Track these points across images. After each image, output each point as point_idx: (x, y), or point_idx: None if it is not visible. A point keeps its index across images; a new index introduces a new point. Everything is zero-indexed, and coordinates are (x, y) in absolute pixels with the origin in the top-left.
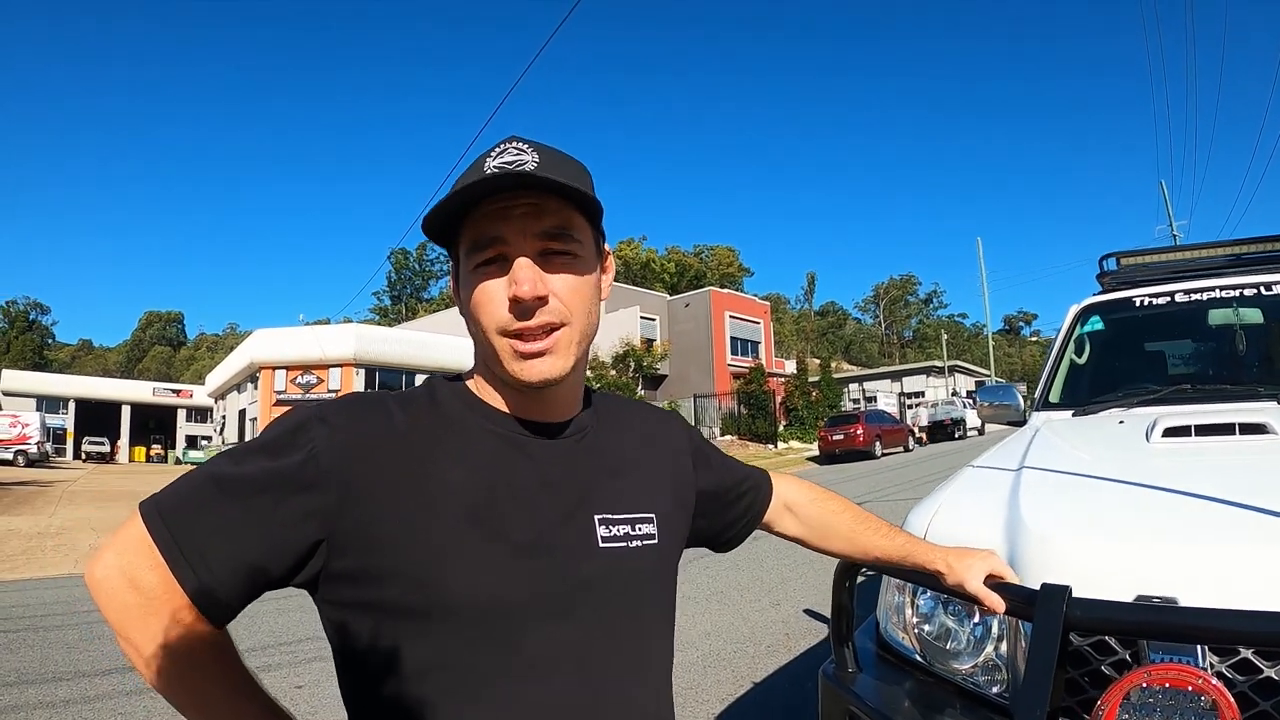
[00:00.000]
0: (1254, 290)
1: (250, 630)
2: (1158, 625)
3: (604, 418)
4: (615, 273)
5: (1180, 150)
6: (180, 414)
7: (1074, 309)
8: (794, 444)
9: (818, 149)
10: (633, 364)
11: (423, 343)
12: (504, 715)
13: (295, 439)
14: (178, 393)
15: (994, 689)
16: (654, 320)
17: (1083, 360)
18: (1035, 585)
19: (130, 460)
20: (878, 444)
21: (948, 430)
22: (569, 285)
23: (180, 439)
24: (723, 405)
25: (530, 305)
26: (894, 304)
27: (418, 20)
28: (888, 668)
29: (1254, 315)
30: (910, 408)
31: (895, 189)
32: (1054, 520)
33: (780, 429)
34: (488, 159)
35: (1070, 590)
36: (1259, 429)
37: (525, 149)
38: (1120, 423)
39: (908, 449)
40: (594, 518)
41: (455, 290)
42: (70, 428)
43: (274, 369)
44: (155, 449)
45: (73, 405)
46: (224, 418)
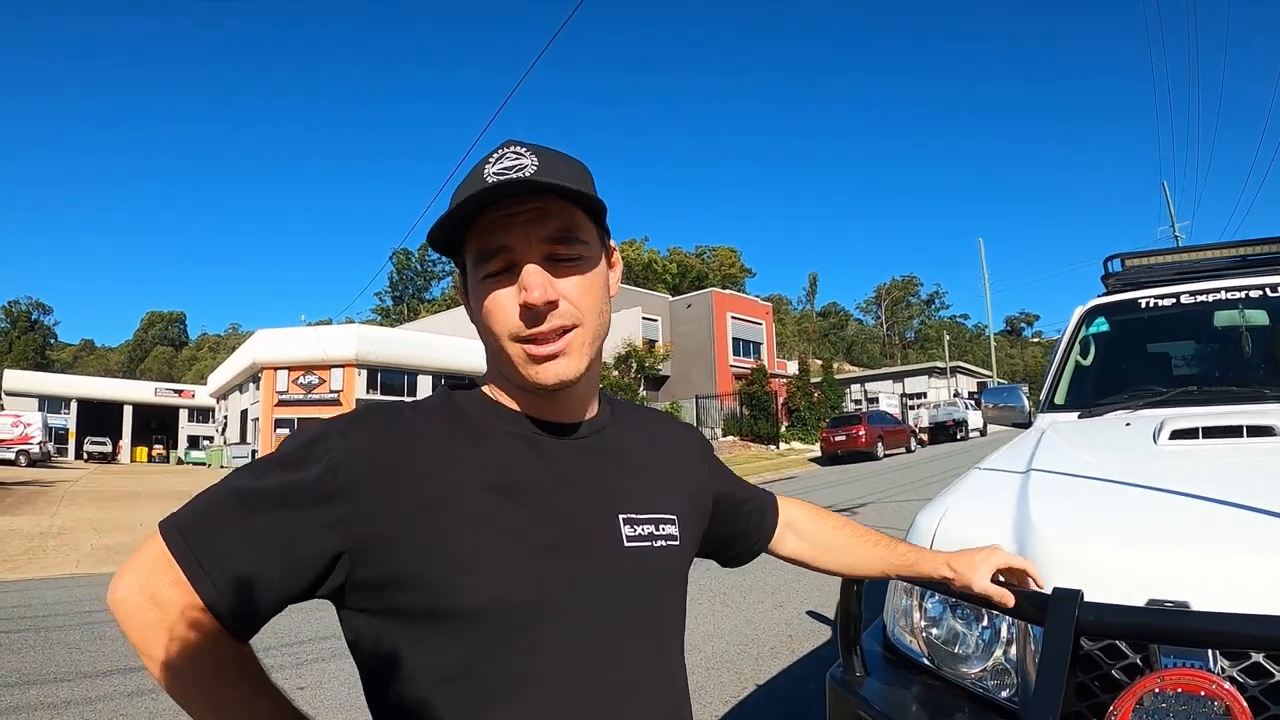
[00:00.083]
0: (1260, 292)
1: None
2: (1171, 630)
3: (620, 419)
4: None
5: (1182, 151)
6: (182, 414)
7: (1079, 310)
8: (796, 445)
9: (819, 149)
10: (635, 365)
11: (425, 343)
12: (533, 716)
13: (312, 451)
14: (180, 393)
15: (1003, 693)
16: (656, 321)
17: (1088, 362)
18: (1046, 589)
19: (132, 460)
20: (880, 445)
21: (949, 431)
22: (579, 287)
23: (182, 439)
24: (725, 406)
25: (542, 311)
26: (896, 305)
27: (418, 20)
28: (895, 672)
29: (1260, 317)
30: (912, 409)
31: (897, 190)
32: (1064, 523)
33: (782, 430)
34: (486, 165)
35: (1082, 595)
36: (1266, 431)
37: (524, 153)
38: (1127, 425)
39: (910, 450)
40: (618, 517)
41: (464, 299)
42: (72, 428)
43: (276, 369)
44: (157, 449)
45: (75, 405)
46: (226, 418)
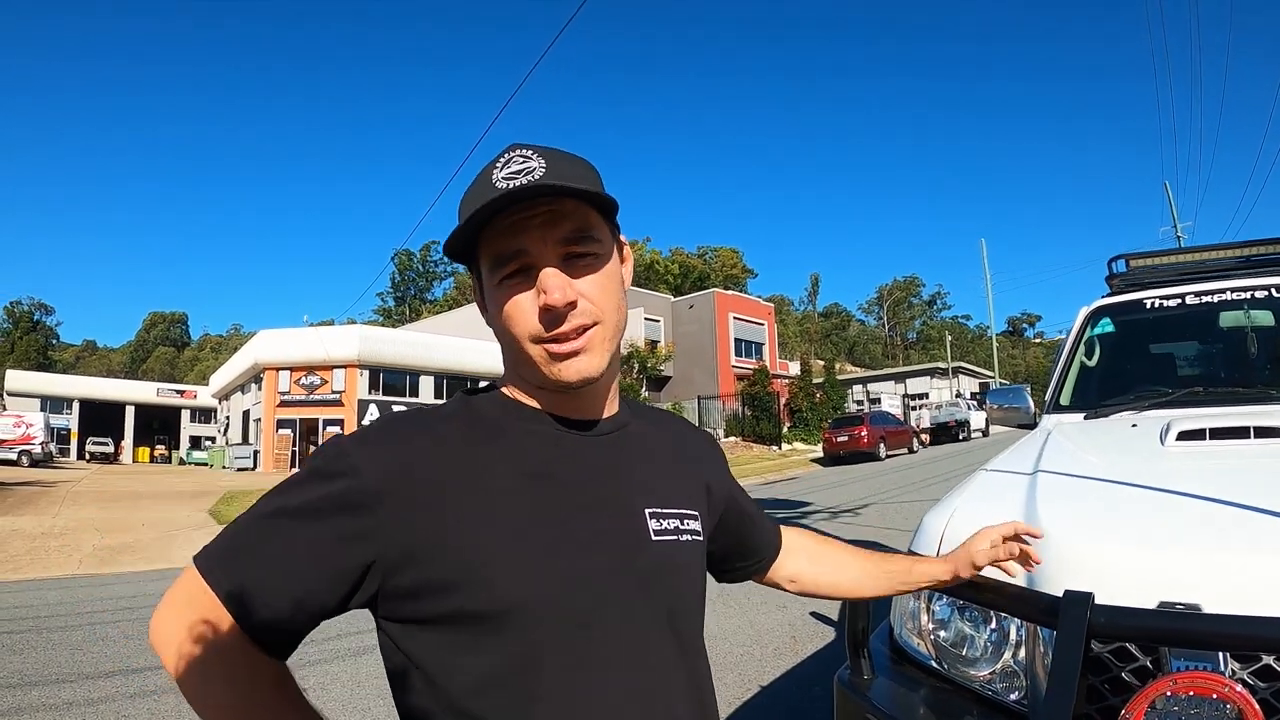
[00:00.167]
0: (1265, 292)
1: None
2: (1182, 632)
3: (641, 417)
4: None
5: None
6: (184, 414)
7: (1084, 311)
8: (798, 445)
9: (819, 149)
10: (637, 365)
11: (427, 344)
12: (571, 713)
13: (337, 464)
14: (182, 393)
15: (1012, 696)
16: (658, 321)
17: (1093, 363)
18: (1056, 592)
19: (134, 461)
20: (882, 445)
21: (952, 432)
22: (596, 285)
23: (184, 439)
24: (727, 407)
25: (562, 312)
26: (898, 305)
27: (418, 20)
28: (903, 674)
29: (1265, 317)
30: (914, 409)
31: (898, 190)
32: (1073, 526)
33: (784, 430)
34: (494, 171)
35: (1093, 597)
36: (1274, 432)
37: (530, 156)
38: (1133, 426)
39: (912, 450)
40: (645, 511)
41: (481, 304)
42: (74, 428)
43: (278, 370)
44: (159, 449)
45: (77, 406)
46: (228, 418)
